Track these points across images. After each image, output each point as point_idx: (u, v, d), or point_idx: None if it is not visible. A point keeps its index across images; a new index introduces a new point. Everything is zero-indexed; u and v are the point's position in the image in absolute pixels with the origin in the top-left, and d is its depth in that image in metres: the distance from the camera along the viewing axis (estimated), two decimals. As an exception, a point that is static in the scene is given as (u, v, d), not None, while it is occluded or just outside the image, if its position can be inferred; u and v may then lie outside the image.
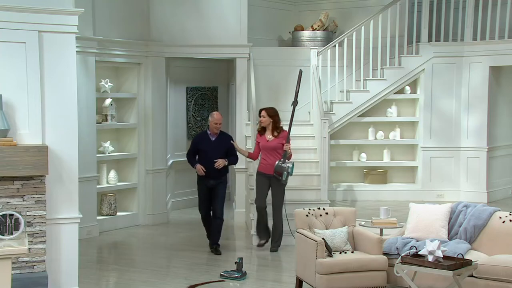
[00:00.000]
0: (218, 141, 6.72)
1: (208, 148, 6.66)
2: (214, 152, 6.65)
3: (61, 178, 4.97)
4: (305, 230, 5.43)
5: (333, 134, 8.81)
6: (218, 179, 6.69)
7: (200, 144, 6.72)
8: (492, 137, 8.92)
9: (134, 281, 5.77)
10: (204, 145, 6.69)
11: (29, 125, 4.87)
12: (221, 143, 6.71)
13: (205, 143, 6.70)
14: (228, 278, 5.78)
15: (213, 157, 6.62)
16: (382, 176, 9.09)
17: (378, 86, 8.85)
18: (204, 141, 6.72)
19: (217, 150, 6.67)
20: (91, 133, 7.52)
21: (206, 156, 6.66)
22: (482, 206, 5.43)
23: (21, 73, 4.86)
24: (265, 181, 6.72)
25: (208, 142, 6.69)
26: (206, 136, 6.75)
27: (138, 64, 8.23)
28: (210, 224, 6.76)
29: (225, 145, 6.72)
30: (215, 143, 6.70)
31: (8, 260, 3.75)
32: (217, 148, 6.68)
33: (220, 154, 6.67)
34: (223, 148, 6.70)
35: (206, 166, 6.62)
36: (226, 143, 6.74)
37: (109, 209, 7.98)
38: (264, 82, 8.98)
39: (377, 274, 5.12)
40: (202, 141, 6.73)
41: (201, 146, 6.70)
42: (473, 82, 8.81)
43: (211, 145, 6.68)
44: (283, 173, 6.60)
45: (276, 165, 6.61)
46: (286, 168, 6.60)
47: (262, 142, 6.76)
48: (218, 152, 6.66)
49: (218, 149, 6.68)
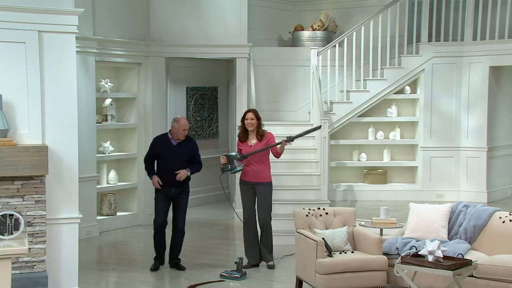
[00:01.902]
0: (181, 146, 5.93)
1: (169, 154, 5.89)
2: (176, 159, 5.89)
3: (61, 178, 4.97)
4: (305, 230, 5.43)
5: (333, 134, 8.79)
6: (181, 188, 5.97)
7: (160, 149, 5.94)
8: (492, 137, 8.92)
9: (134, 281, 5.77)
10: (165, 151, 5.91)
11: (29, 125, 4.87)
12: (184, 149, 5.94)
13: (166, 148, 5.91)
14: (228, 278, 5.78)
15: (175, 165, 5.89)
16: (382, 176, 9.08)
17: (378, 86, 8.84)
18: (164, 146, 5.93)
19: (180, 157, 5.91)
20: (91, 133, 7.52)
21: (166, 163, 5.90)
22: (482, 206, 5.42)
23: (21, 73, 4.86)
24: (250, 190, 6.07)
25: (170, 147, 5.91)
26: (167, 140, 5.94)
27: (138, 64, 8.23)
28: (162, 238, 6.04)
29: (188, 151, 5.97)
30: (177, 148, 5.92)
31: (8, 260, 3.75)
32: (179, 154, 5.91)
33: (182, 161, 5.92)
34: (186, 155, 5.95)
35: (165, 175, 5.90)
36: (189, 149, 5.97)
37: (109, 209, 7.97)
38: (264, 82, 8.98)
39: (377, 274, 5.12)
40: (162, 145, 5.93)
41: (161, 151, 5.93)
42: (473, 82, 8.81)
43: (173, 151, 5.91)
44: (227, 167, 5.94)
45: (230, 156, 5.97)
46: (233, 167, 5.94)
47: (245, 149, 6.05)
48: (181, 159, 5.91)
49: (181, 155, 5.92)
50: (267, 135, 6.12)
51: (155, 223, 6.09)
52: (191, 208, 8.92)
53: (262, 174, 6.07)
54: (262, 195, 6.05)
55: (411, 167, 9.17)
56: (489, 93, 8.73)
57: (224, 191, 6.81)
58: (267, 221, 6.07)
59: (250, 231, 6.14)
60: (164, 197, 6.01)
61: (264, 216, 6.06)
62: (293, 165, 7.79)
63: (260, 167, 6.07)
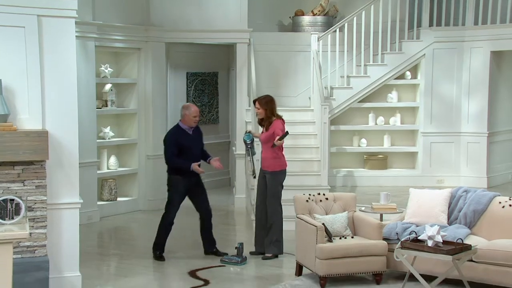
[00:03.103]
0: (196, 133, 6.00)
1: (190, 144, 5.89)
2: (197, 146, 5.96)
3: (61, 163, 4.95)
4: (305, 215, 5.43)
5: (333, 120, 8.77)
6: (197, 176, 5.97)
7: (181, 141, 5.87)
8: (492, 122, 8.91)
9: (135, 266, 5.79)
10: (185, 142, 5.88)
11: (29, 110, 4.83)
12: (199, 135, 6.03)
13: (186, 139, 5.88)
14: (229, 263, 5.79)
15: (197, 153, 5.94)
16: (382, 161, 9.08)
17: (378, 72, 8.81)
18: (183, 137, 5.89)
19: (198, 144, 6.00)
20: (91, 119, 7.50)
21: (189, 154, 5.86)
22: (482, 191, 5.43)
23: (20, 58, 4.82)
24: (261, 175, 6.05)
25: (188, 137, 5.91)
26: (182, 131, 5.93)
27: (138, 49, 8.18)
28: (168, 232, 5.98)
29: (200, 138, 6.06)
30: (194, 136, 5.97)
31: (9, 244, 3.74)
32: (198, 141, 5.99)
33: (201, 147, 6.03)
34: (201, 142, 6.04)
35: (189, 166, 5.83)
36: (200, 135, 6.07)
37: (109, 195, 7.98)
38: (265, 68, 8.93)
39: (377, 259, 5.14)
40: (181, 137, 5.89)
41: (184, 143, 5.87)
42: (474, 67, 8.78)
43: (192, 139, 5.93)
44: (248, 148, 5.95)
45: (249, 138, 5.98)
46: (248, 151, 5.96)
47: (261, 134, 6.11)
48: (199, 146, 6.00)
49: (199, 142, 6.01)
50: (273, 124, 5.94)
51: (167, 219, 5.95)
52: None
53: (265, 162, 6.02)
54: (267, 183, 5.98)
55: (411, 153, 9.17)
56: (490, 78, 8.71)
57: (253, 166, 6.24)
58: (270, 210, 5.96)
59: (257, 217, 6.11)
60: (184, 189, 5.92)
61: (268, 206, 5.98)
62: (293, 150, 7.78)
63: (264, 155, 6.04)
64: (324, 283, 5.07)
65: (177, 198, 5.95)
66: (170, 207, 5.96)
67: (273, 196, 5.97)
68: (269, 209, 5.98)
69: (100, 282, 5.28)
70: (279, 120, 5.99)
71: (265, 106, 5.96)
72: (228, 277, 5.47)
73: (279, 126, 5.93)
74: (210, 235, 6.09)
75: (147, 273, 5.56)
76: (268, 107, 5.96)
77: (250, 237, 6.54)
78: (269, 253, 5.98)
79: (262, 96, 6.15)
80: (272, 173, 5.96)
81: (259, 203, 6.07)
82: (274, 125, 5.94)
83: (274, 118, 5.98)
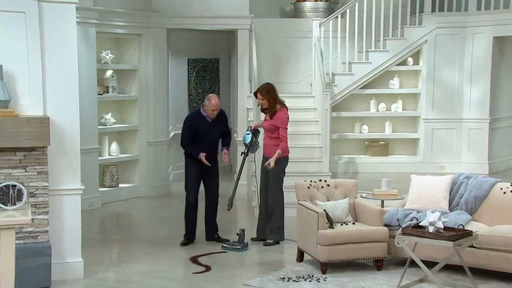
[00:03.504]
0: (216, 122, 5.93)
1: (205, 131, 5.87)
2: (213, 134, 5.91)
3: (63, 150, 4.94)
4: (307, 202, 5.43)
5: (334, 106, 8.76)
6: (214, 161, 5.98)
7: (197, 127, 5.88)
8: (494, 108, 8.90)
9: (137, 251, 5.80)
10: (202, 128, 5.87)
11: (30, 96, 4.82)
12: (219, 124, 5.95)
13: (202, 125, 5.87)
14: (230, 249, 5.80)
15: (211, 140, 5.91)
16: (384, 148, 9.08)
17: (380, 58, 8.79)
18: (200, 123, 5.88)
19: (216, 133, 5.93)
20: (92, 105, 7.49)
21: (203, 140, 5.87)
22: (483, 177, 5.42)
23: (21, 43, 4.79)
24: (264, 161, 6.02)
25: (205, 123, 5.88)
26: (201, 117, 5.89)
27: (139, 35, 8.14)
28: (194, 215, 5.99)
29: (223, 125, 6.00)
30: (213, 125, 5.91)
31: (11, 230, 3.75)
32: (215, 130, 5.93)
33: (218, 136, 5.96)
34: (221, 129, 5.98)
35: (203, 151, 5.86)
36: (223, 122, 6.01)
37: (111, 181, 7.99)
38: (266, 54, 8.91)
39: (378, 245, 5.14)
40: (198, 123, 5.88)
41: (200, 129, 5.87)
42: (477, 53, 8.74)
43: (209, 127, 5.89)
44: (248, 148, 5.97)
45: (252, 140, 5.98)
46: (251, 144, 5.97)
47: (264, 121, 6.09)
48: (216, 135, 5.94)
49: (217, 131, 5.94)
50: (277, 115, 5.90)
51: (188, 200, 5.99)
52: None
53: (268, 148, 5.99)
54: (269, 170, 5.92)
55: (413, 139, 9.17)
56: (492, 64, 8.68)
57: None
58: (272, 197, 5.94)
59: (260, 204, 6.10)
60: (197, 174, 5.94)
61: (270, 192, 5.95)
62: (294, 137, 7.77)
63: (266, 142, 6.02)
64: (325, 269, 5.09)
65: (190, 180, 5.99)
66: (187, 189, 6.04)
67: (275, 182, 5.96)
68: (270, 196, 5.98)
69: (102, 268, 5.30)
70: (283, 108, 5.96)
71: (267, 95, 5.93)
72: (230, 263, 5.48)
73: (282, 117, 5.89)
74: (212, 222, 6.11)
75: (149, 259, 5.57)
76: (270, 96, 5.93)
77: (252, 223, 6.54)
78: (270, 240, 5.99)
79: (261, 86, 6.07)
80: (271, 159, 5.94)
81: (263, 190, 6.07)
82: (278, 116, 5.91)
83: (279, 107, 5.95)
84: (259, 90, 6.01)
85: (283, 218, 6.02)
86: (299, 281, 4.90)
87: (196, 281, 4.97)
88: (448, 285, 4.75)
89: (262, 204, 6.10)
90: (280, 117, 5.92)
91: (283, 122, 5.92)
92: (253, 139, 6.05)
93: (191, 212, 6.02)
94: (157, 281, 4.97)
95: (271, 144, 5.98)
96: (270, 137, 5.97)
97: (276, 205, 5.96)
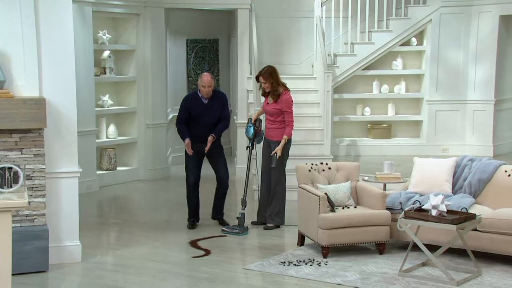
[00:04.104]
0: (212, 103, 5.86)
1: (200, 112, 5.83)
2: (208, 116, 5.85)
3: (59, 132, 4.89)
4: (308, 185, 5.39)
5: (336, 88, 8.67)
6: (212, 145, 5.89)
7: (191, 108, 5.85)
8: (500, 90, 8.82)
9: (135, 235, 5.77)
10: (196, 109, 5.83)
11: (25, 76, 4.76)
12: (215, 105, 5.87)
13: (197, 106, 5.83)
14: (230, 233, 5.76)
15: (207, 122, 5.85)
16: (386, 130, 9.01)
17: (383, 38, 8.66)
18: (195, 104, 5.84)
19: (211, 114, 5.86)
20: (89, 86, 7.40)
21: (198, 121, 5.84)
22: (488, 160, 5.38)
23: (15, 22, 4.71)
24: (265, 145, 5.99)
25: (200, 105, 5.83)
26: (197, 98, 5.86)
27: (136, 14, 8.02)
28: (195, 196, 5.98)
29: (219, 107, 5.90)
30: (208, 105, 5.85)
31: (8, 213, 3.72)
32: (211, 111, 5.86)
33: (215, 117, 5.88)
34: (218, 111, 5.89)
35: (198, 133, 5.84)
36: (219, 104, 5.90)
37: (109, 164, 7.93)
38: (266, 34, 8.80)
39: (380, 229, 5.11)
40: (193, 103, 5.86)
41: (192, 110, 5.84)
42: (482, 32, 8.61)
43: (204, 108, 5.84)
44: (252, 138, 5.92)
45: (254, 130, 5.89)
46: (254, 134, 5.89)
47: (264, 104, 6.00)
48: (213, 116, 5.87)
49: (213, 112, 5.87)
50: (282, 98, 5.83)
51: (187, 182, 5.98)
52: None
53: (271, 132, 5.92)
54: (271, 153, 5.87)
55: (416, 121, 9.09)
56: (498, 44, 8.57)
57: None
58: (274, 180, 5.87)
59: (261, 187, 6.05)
60: (195, 156, 5.90)
61: (272, 176, 5.89)
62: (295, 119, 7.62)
63: (269, 126, 5.94)
64: (326, 253, 5.06)
65: (189, 162, 5.96)
66: (186, 170, 6.01)
67: (278, 165, 5.89)
68: (272, 179, 5.93)
69: (100, 252, 5.27)
70: (286, 91, 5.89)
71: (270, 78, 5.85)
72: (230, 247, 5.45)
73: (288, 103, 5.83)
74: (219, 203, 6.10)
75: (147, 242, 5.54)
76: (273, 79, 5.86)
77: (252, 207, 6.49)
78: (270, 223, 5.94)
79: (263, 69, 5.97)
80: (278, 142, 5.87)
81: (264, 173, 6.01)
82: (282, 100, 5.83)
83: (282, 90, 5.89)
84: (261, 74, 5.92)
85: (285, 202, 5.98)
86: (299, 265, 4.87)
87: (195, 265, 4.95)
88: (451, 269, 4.73)
89: (263, 187, 6.04)
90: (285, 100, 5.85)
91: (288, 105, 5.87)
92: (256, 131, 5.97)
93: (191, 195, 6.00)
94: (156, 265, 4.94)
95: (274, 127, 5.92)
96: (273, 121, 5.92)
97: (278, 189, 5.92)
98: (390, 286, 4.43)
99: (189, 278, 4.64)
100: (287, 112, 5.85)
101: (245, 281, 4.65)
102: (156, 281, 4.59)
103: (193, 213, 6.01)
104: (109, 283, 4.54)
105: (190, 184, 5.97)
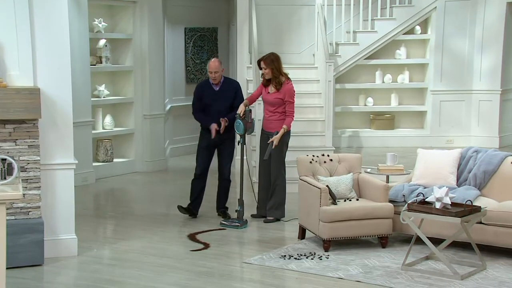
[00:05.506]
0: (223, 90, 5.79)
1: (211, 100, 5.77)
2: (219, 104, 5.76)
3: (54, 122, 4.82)
4: (309, 177, 5.33)
5: (338, 78, 8.60)
6: (224, 135, 5.80)
7: (202, 95, 5.81)
8: (506, 79, 8.78)
9: (132, 228, 5.71)
10: (207, 97, 5.79)
11: (19, 66, 4.68)
12: (226, 93, 5.79)
13: (208, 94, 5.78)
14: (229, 226, 5.69)
15: (218, 111, 5.75)
16: (389, 121, 8.96)
17: (386, 26, 8.60)
18: (206, 91, 5.80)
19: (222, 102, 5.77)
20: (85, 76, 7.31)
21: (209, 110, 5.78)
22: (493, 151, 5.32)
23: (9, 10, 4.62)
24: (264, 136, 5.88)
25: (212, 93, 5.78)
26: (208, 85, 5.81)
27: (133, 2, 7.93)
28: (199, 186, 5.92)
29: (231, 95, 5.80)
30: (219, 93, 5.79)
31: (2, 205, 3.65)
32: (222, 99, 5.77)
33: (226, 106, 5.77)
34: (229, 99, 5.79)
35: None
36: (231, 92, 5.81)
37: (105, 155, 7.84)
38: (267, 23, 8.72)
39: (383, 222, 5.05)
40: (204, 92, 5.80)
41: (204, 97, 5.80)
42: (488, 20, 8.53)
43: (215, 96, 5.78)
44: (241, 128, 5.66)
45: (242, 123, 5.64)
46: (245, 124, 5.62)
47: (264, 94, 5.83)
48: (224, 104, 5.77)
49: (224, 100, 5.78)
50: (284, 87, 5.71)
51: (195, 171, 5.96)
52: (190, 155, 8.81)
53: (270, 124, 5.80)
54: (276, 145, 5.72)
55: (420, 112, 9.05)
56: (505, 32, 8.52)
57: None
58: (274, 173, 5.78)
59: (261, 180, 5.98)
60: (207, 144, 5.86)
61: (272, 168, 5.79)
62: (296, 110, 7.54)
63: (268, 117, 5.82)
64: (327, 247, 4.99)
65: (199, 151, 5.94)
66: (196, 160, 5.97)
67: (277, 158, 5.80)
68: (272, 172, 5.85)
69: (96, 245, 5.21)
70: (288, 81, 5.79)
71: (271, 65, 5.72)
72: (229, 240, 5.39)
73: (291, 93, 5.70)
74: (221, 197, 6.06)
75: (145, 236, 5.48)
76: (274, 66, 5.72)
77: (251, 199, 6.41)
78: (270, 217, 5.86)
79: (266, 55, 5.83)
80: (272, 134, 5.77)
81: (263, 166, 5.92)
82: (285, 90, 5.70)
83: (284, 79, 5.77)
84: (263, 59, 5.80)
85: (285, 194, 5.91)
86: (300, 259, 4.82)
87: (194, 259, 4.88)
88: (455, 263, 4.67)
89: (262, 180, 5.97)
90: (288, 90, 5.73)
91: (290, 95, 5.75)
92: (246, 124, 5.74)
93: (194, 184, 5.96)
94: (153, 258, 4.88)
95: (274, 119, 5.79)
96: (273, 112, 5.80)
97: (278, 181, 5.84)
98: (393, 280, 4.37)
99: (188, 272, 4.58)
100: (289, 102, 5.74)
101: (244, 275, 4.59)
102: (154, 275, 4.54)
103: (194, 204, 5.97)
104: (106, 277, 4.48)
105: (196, 173, 5.96)
